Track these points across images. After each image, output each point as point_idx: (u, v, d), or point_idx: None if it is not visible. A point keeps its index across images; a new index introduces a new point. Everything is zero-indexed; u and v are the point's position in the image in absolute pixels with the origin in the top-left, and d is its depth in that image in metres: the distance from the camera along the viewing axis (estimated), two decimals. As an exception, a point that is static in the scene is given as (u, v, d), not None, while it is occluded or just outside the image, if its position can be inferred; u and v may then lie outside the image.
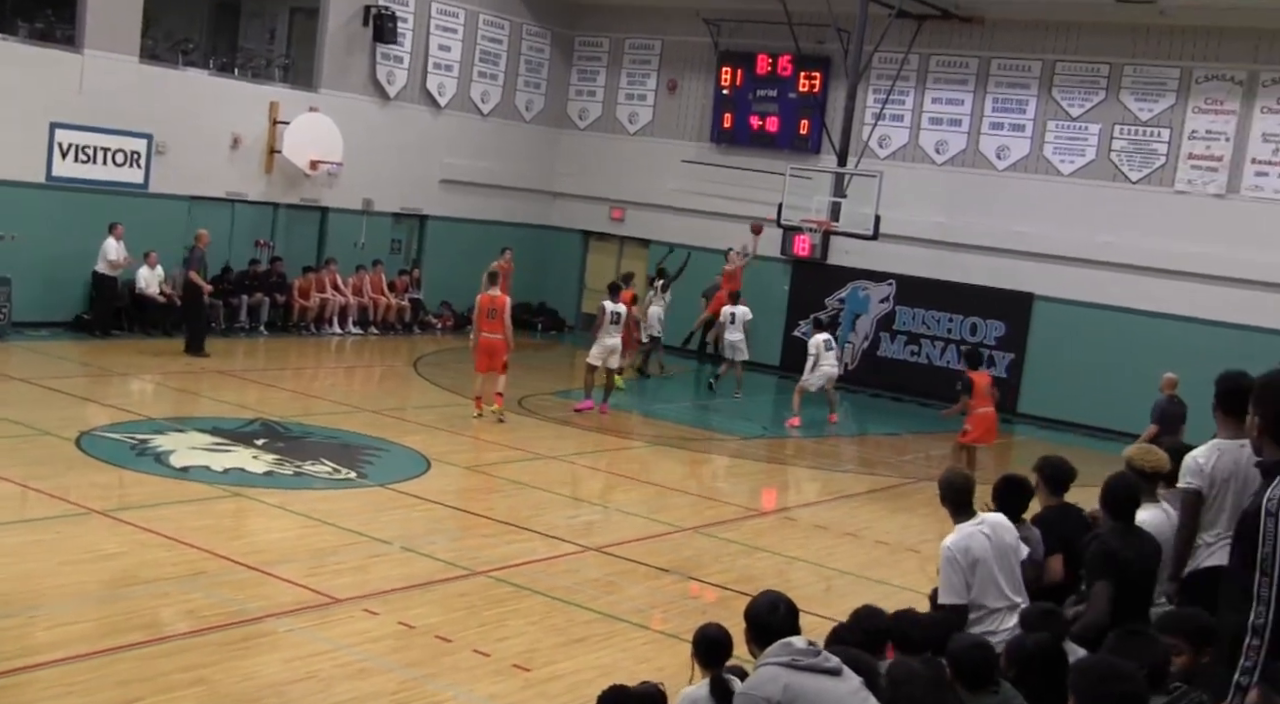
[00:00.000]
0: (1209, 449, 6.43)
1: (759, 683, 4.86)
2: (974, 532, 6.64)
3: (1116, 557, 6.23)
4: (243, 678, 7.76)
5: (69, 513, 10.82)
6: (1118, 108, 21.85)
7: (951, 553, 6.56)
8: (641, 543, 11.87)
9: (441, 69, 25.42)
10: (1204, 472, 6.33)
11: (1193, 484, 6.38)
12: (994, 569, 6.52)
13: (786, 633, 5.06)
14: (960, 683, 5.09)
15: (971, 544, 6.56)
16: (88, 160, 20.09)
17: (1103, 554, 6.29)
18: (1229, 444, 6.30)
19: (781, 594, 5.41)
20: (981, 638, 5.60)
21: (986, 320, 22.96)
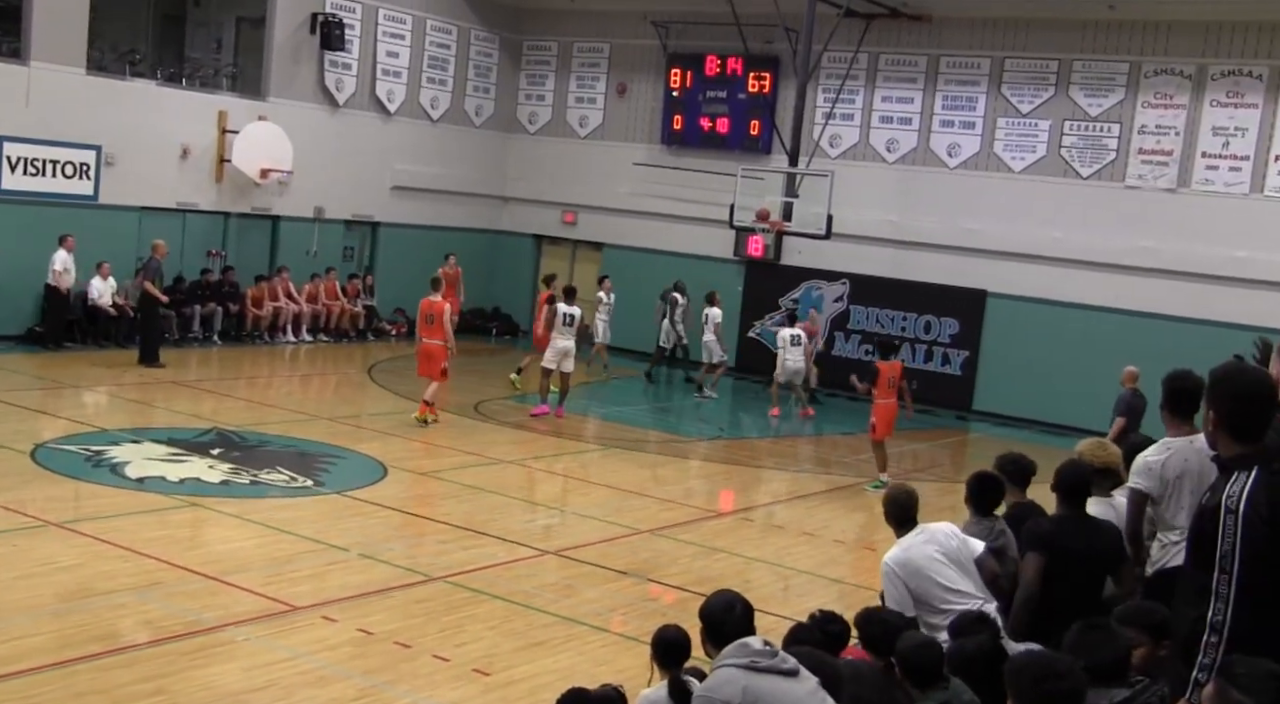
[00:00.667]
0: (1159, 449, 6.44)
1: (717, 685, 4.85)
2: (912, 542, 6.70)
3: (1046, 535, 6.37)
4: (201, 687, 7.72)
5: (25, 526, 10.72)
6: (1067, 104, 22.08)
7: (890, 567, 6.62)
8: (599, 546, 11.89)
9: (390, 75, 25.35)
10: (1154, 472, 6.35)
11: (1140, 485, 6.41)
12: (943, 574, 6.53)
13: (743, 633, 5.07)
14: (909, 681, 5.13)
15: (911, 555, 6.61)
16: (36, 173, 19.91)
17: (1031, 533, 6.51)
18: (1179, 442, 6.32)
19: (737, 594, 5.44)
20: (929, 637, 5.65)
21: (940, 318, 23.14)
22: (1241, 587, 4.12)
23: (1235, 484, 4.24)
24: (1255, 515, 4.15)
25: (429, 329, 16.75)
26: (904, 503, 6.96)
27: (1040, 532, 6.53)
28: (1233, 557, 4.14)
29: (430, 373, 16.71)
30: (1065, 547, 6.35)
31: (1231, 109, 20.70)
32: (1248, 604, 4.13)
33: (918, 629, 6.29)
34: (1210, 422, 4.45)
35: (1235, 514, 4.17)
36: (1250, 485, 4.20)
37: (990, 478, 7.45)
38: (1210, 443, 4.52)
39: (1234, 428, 4.37)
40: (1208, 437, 4.53)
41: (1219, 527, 4.20)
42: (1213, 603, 4.17)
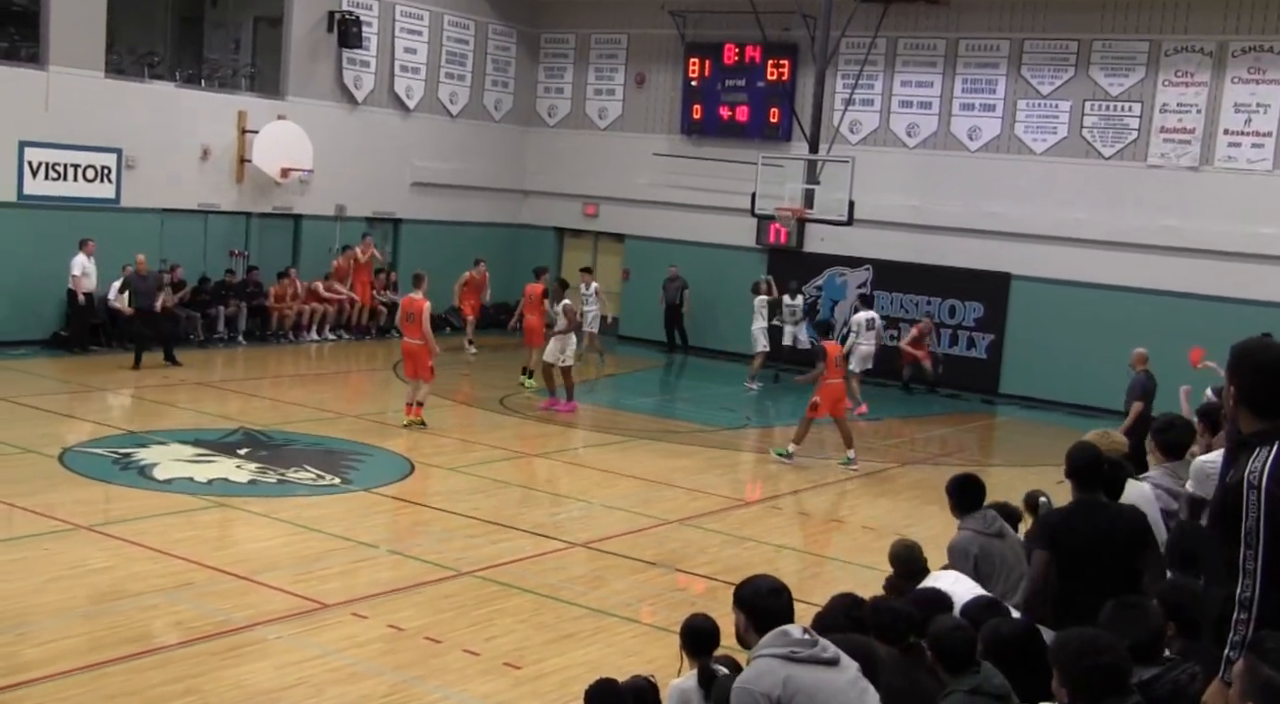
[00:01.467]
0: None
1: (756, 677, 4.72)
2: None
3: (1050, 529, 6.29)
4: (233, 686, 7.75)
5: (55, 529, 10.78)
6: (1088, 84, 21.92)
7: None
8: (627, 537, 11.89)
9: (408, 72, 25.37)
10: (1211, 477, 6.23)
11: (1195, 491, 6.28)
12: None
13: (788, 619, 5.01)
14: (941, 664, 5.11)
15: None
16: (58, 177, 20.01)
17: (1039, 526, 6.43)
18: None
19: (776, 578, 5.37)
20: (961, 620, 5.60)
21: (964, 302, 23.03)
22: (1267, 562, 4.09)
23: (1257, 460, 4.20)
24: (1278, 491, 4.12)
25: (409, 327, 16.29)
26: (907, 557, 6.96)
27: (1047, 524, 6.45)
28: (1257, 532, 4.12)
29: (418, 373, 16.15)
30: (1073, 538, 6.23)
31: (1253, 85, 20.52)
32: (1275, 579, 4.09)
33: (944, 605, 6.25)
34: (1231, 397, 4.40)
35: (1258, 490, 4.13)
36: (1272, 461, 4.16)
37: (969, 478, 7.76)
38: (1230, 418, 4.48)
39: (1255, 403, 4.32)
40: (1229, 413, 4.48)
41: (1243, 503, 4.17)
42: (1240, 580, 4.15)
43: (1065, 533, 6.24)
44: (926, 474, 16.13)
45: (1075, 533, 6.19)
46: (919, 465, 16.71)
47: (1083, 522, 6.24)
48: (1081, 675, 4.26)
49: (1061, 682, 4.34)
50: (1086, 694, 4.27)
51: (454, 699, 7.85)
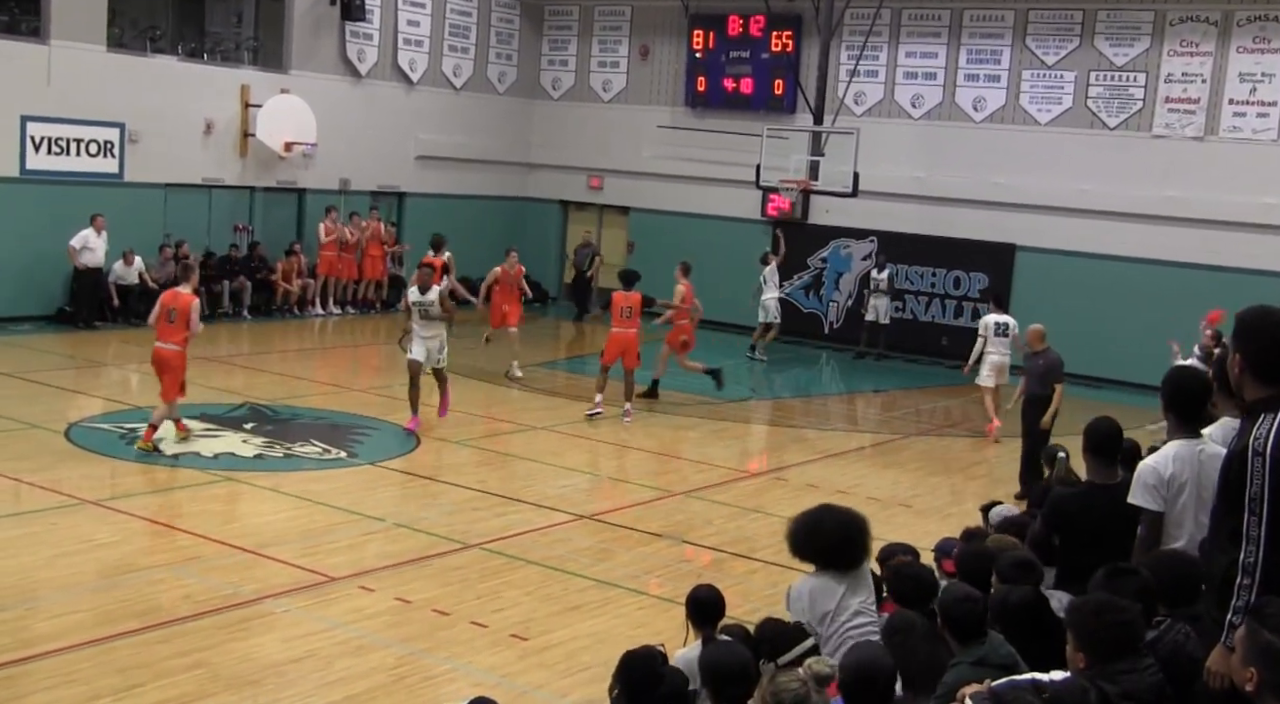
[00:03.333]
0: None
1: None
2: None
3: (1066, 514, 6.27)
4: (241, 659, 7.79)
5: (62, 504, 10.83)
6: (1093, 54, 21.81)
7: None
8: (633, 509, 11.92)
9: (412, 45, 25.28)
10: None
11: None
12: None
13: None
14: (950, 633, 5.12)
15: None
16: (61, 152, 19.99)
17: (1053, 507, 6.45)
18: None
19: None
20: (972, 590, 5.61)
21: (970, 273, 23.00)
22: (1271, 528, 4.10)
23: (1262, 427, 4.22)
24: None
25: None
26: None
27: (1059, 509, 6.39)
28: (1262, 499, 4.14)
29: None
30: (1084, 518, 6.20)
31: (1258, 55, 20.41)
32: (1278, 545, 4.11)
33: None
34: (1236, 365, 4.41)
35: (1263, 457, 4.15)
36: (1277, 428, 4.17)
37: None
38: (1235, 387, 4.48)
39: (1261, 370, 4.34)
40: (1234, 381, 4.48)
41: (1247, 470, 4.19)
42: (1244, 546, 4.17)
43: (1077, 514, 6.22)
44: (931, 445, 16.15)
45: (1087, 514, 6.18)
46: (924, 437, 16.72)
47: (1096, 503, 6.21)
48: (1099, 636, 4.32)
49: (1078, 645, 4.38)
50: (1103, 654, 4.31)
51: (461, 671, 7.89)
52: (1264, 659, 3.56)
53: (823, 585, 5.73)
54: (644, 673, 5.32)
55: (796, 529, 5.93)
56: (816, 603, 5.67)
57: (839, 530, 5.83)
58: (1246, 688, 3.61)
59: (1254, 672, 3.58)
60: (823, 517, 5.91)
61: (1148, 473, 5.70)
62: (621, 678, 5.37)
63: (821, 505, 6.10)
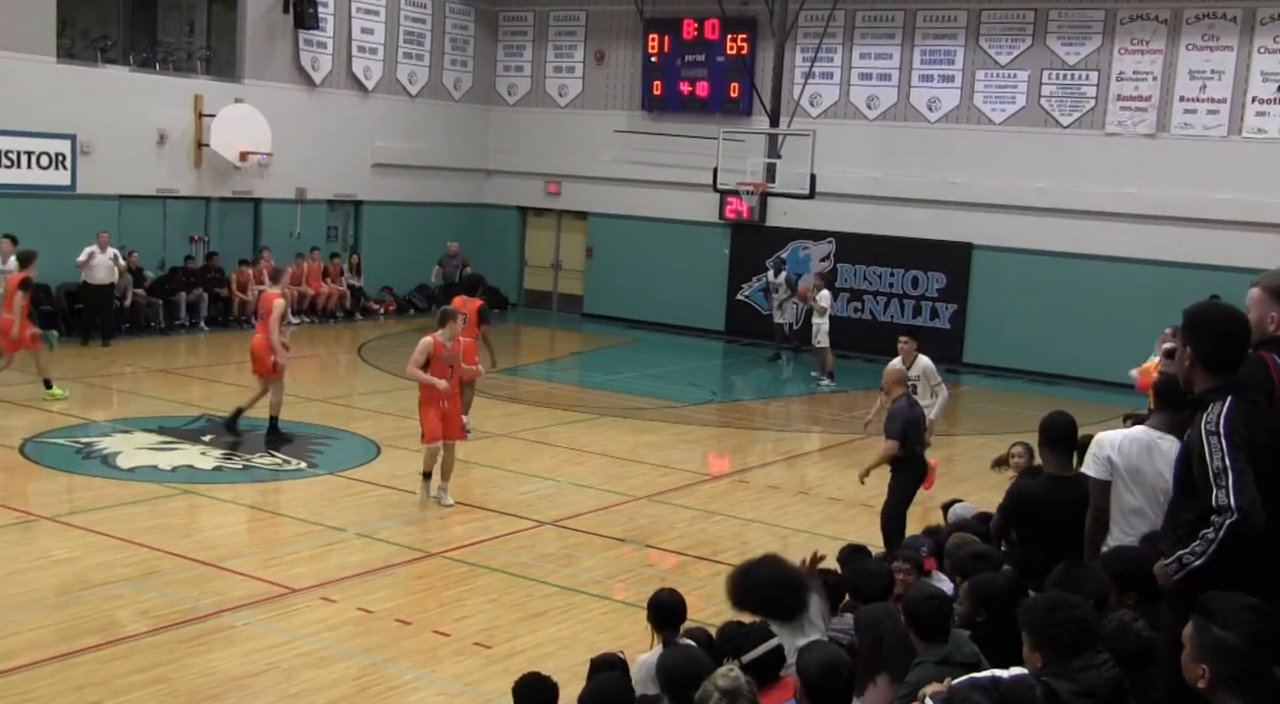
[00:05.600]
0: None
1: None
2: None
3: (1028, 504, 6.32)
4: (201, 674, 7.72)
5: (17, 521, 10.70)
6: (1045, 53, 22.01)
7: None
8: (596, 514, 11.90)
9: (366, 52, 25.17)
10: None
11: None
12: None
13: None
14: (915, 631, 5.15)
15: None
16: (11, 165, 19.75)
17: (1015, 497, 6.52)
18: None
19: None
20: (937, 589, 5.66)
21: (927, 272, 23.14)
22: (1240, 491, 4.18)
23: (1211, 412, 4.39)
24: (1238, 430, 4.30)
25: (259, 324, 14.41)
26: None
27: (1023, 498, 6.48)
28: (1225, 470, 4.26)
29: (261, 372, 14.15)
30: (1038, 509, 6.27)
31: (1208, 52, 20.67)
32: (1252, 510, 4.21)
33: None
34: (1187, 358, 4.54)
35: (1218, 434, 4.32)
36: (1226, 409, 4.36)
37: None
38: (1185, 381, 4.61)
39: (1212, 363, 4.50)
40: (1183, 374, 4.60)
41: (1205, 450, 4.32)
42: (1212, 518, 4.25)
43: (1038, 505, 6.29)
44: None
45: (1049, 506, 6.25)
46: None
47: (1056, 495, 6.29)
48: (1053, 633, 4.37)
49: (1034, 644, 4.41)
50: (1059, 651, 4.35)
51: (425, 680, 7.85)
52: (1215, 655, 3.58)
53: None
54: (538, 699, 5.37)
55: (731, 578, 5.92)
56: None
57: (771, 579, 5.80)
58: (1199, 684, 3.63)
59: (1205, 668, 3.61)
60: (755, 566, 5.91)
61: (1098, 444, 5.91)
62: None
63: (761, 557, 6.07)
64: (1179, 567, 4.30)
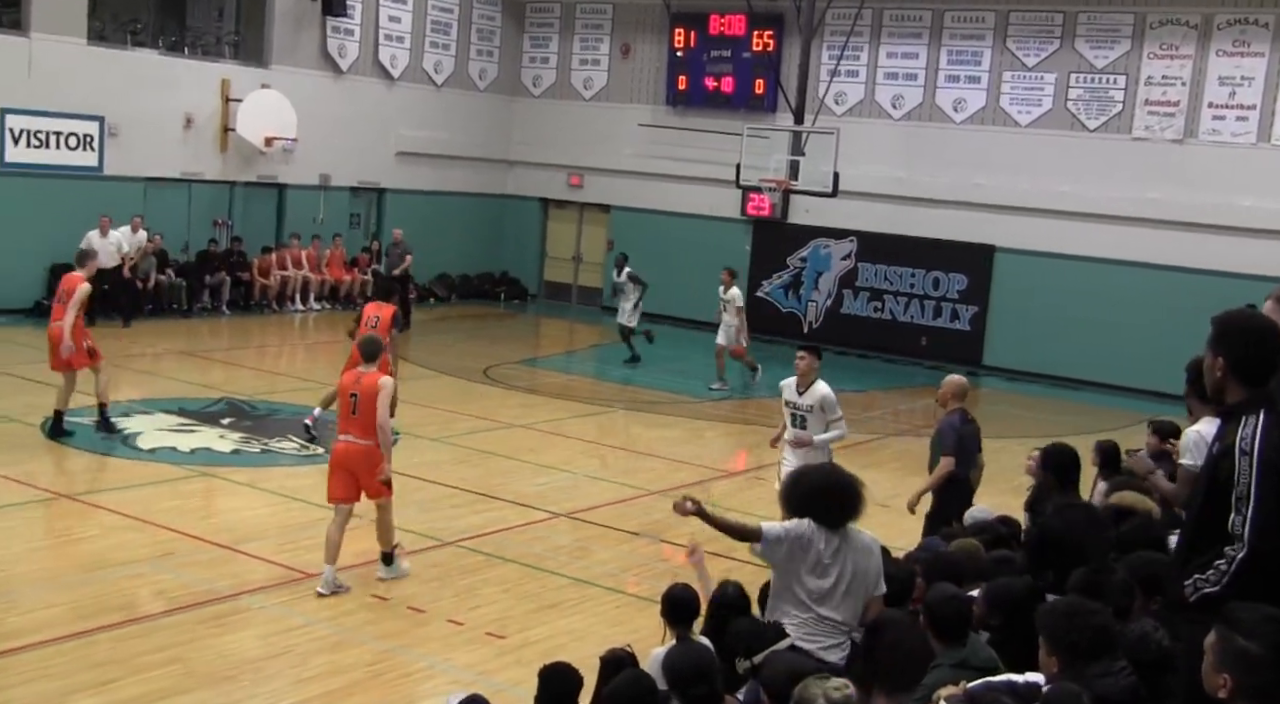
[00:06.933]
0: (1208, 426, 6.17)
1: None
2: None
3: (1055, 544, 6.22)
4: (218, 655, 7.78)
5: (38, 498, 10.79)
6: (1073, 56, 21.91)
7: None
8: (611, 507, 11.93)
9: (393, 40, 25.22)
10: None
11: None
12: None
13: None
14: (934, 632, 5.13)
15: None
16: (40, 145, 19.88)
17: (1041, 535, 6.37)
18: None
19: None
20: (958, 590, 5.60)
21: (949, 274, 23.08)
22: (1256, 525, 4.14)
23: (1246, 427, 4.28)
24: (1270, 455, 4.19)
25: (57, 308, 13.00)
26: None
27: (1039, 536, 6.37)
28: (1247, 498, 4.20)
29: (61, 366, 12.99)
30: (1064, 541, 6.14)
31: (1238, 58, 20.55)
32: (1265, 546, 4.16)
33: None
34: (1218, 369, 4.44)
35: (1250, 456, 4.22)
36: (1261, 427, 4.24)
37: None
38: (1214, 390, 4.52)
39: (1245, 373, 4.40)
40: (1213, 385, 4.51)
41: (1234, 469, 4.24)
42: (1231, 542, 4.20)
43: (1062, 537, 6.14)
44: (909, 445, 16.18)
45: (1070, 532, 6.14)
46: (903, 437, 16.78)
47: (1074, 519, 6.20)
48: (1071, 638, 4.33)
49: (1051, 649, 4.38)
50: (1076, 656, 4.31)
51: (438, 669, 7.90)
52: (1238, 665, 3.58)
53: (802, 530, 5.86)
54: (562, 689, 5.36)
55: (784, 485, 6.05)
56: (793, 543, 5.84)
57: (821, 482, 6.06)
58: (1220, 694, 3.63)
59: (1227, 678, 3.61)
60: (807, 472, 6.04)
61: (1194, 436, 5.91)
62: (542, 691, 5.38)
63: (815, 465, 6.24)
64: (1194, 590, 4.27)
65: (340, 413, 9.28)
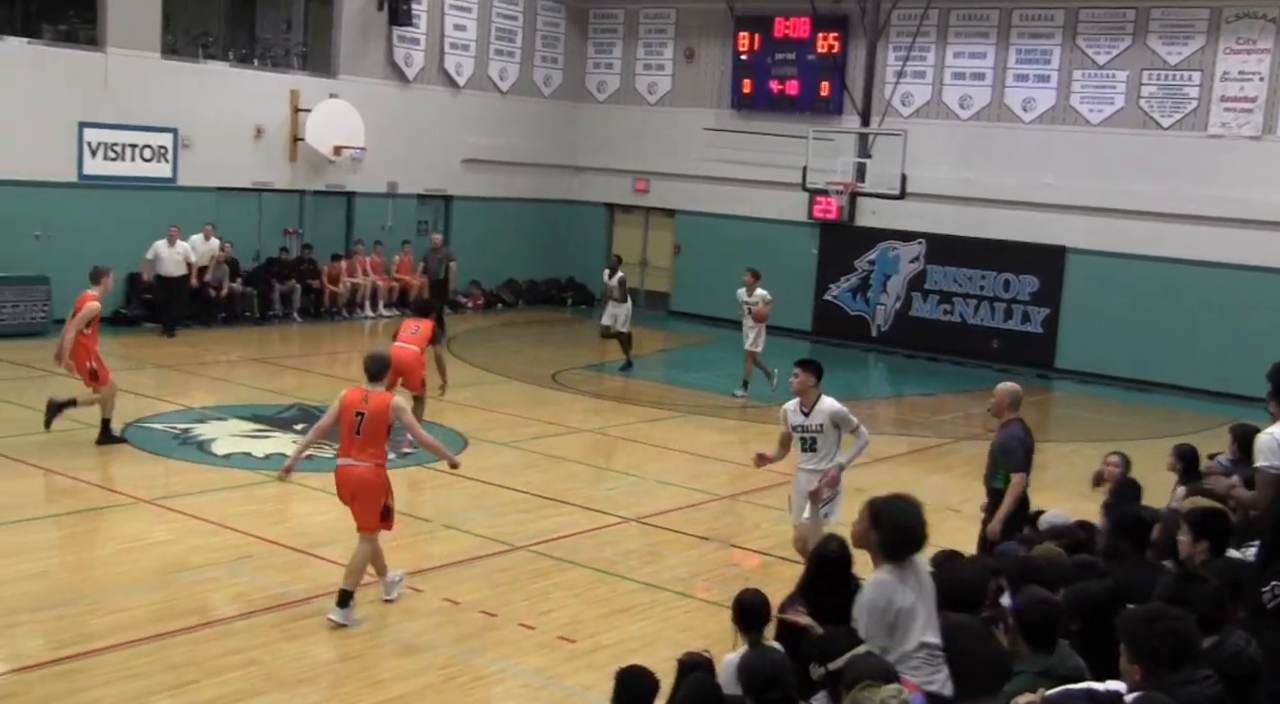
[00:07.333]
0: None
1: None
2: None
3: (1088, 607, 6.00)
4: (293, 658, 7.87)
5: (118, 503, 10.99)
6: (1146, 53, 21.57)
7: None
8: (680, 512, 11.91)
9: (458, 49, 25.42)
10: None
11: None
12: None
13: None
14: (1023, 637, 5.04)
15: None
16: (116, 157, 20.29)
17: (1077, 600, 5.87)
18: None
19: None
20: (1049, 594, 5.43)
21: (1019, 275, 22.82)
22: None
23: None
24: None
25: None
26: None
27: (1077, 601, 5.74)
28: None
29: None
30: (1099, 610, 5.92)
31: (1318, 52, 20.14)
32: None
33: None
34: None
35: None
36: None
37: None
38: None
39: None
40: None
41: None
42: None
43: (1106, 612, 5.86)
44: (979, 449, 15.97)
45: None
46: (974, 441, 16.59)
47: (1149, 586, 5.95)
48: (1153, 644, 4.24)
49: (1132, 656, 4.29)
50: (1158, 664, 4.22)
51: (510, 672, 7.92)
52: None
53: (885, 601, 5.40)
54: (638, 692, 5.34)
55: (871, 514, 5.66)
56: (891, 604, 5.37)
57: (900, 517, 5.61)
58: None
59: None
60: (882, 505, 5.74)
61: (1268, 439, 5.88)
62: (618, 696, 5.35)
63: (888, 496, 5.93)
64: (1272, 597, 4.19)
65: (342, 433, 8.66)
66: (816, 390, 9.44)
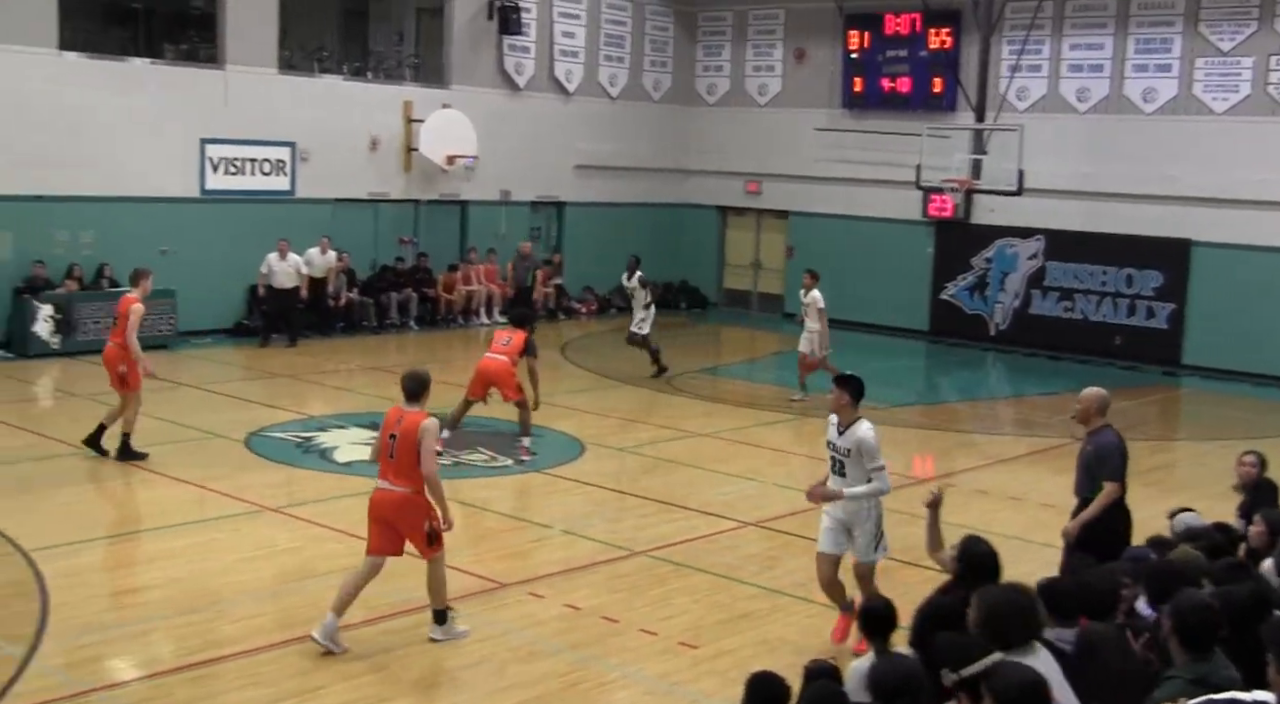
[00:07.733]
0: None
1: None
2: None
3: None
4: (417, 664, 7.93)
5: (243, 511, 11.20)
6: (1273, 38, 20.86)
7: None
8: (798, 516, 11.76)
9: (568, 56, 25.56)
10: None
11: None
12: None
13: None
14: (1180, 641, 4.85)
15: None
16: (237, 172, 20.78)
17: None
18: None
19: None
20: (1210, 599, 5.17)
21: (1142, 270, 22.21)
22: None
23: None
24: None
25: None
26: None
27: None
28: None
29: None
30: None
31: None
32: None
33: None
34: None
35: None
36: None
37: None
38: None
39: None
40: None
41: None
42: None
43: None
44: (1106, 449, 15.62)
45: None
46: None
47: None
48: None
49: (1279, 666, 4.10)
50: None
51: (633, 678, 7.90)
52: None
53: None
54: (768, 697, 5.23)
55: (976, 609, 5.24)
56: None
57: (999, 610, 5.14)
58: None
59: None
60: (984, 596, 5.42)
61: None
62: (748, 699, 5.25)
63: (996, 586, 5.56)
64: None
65: (380, 455, 8.53)
66: (854, 411, 8.80)
